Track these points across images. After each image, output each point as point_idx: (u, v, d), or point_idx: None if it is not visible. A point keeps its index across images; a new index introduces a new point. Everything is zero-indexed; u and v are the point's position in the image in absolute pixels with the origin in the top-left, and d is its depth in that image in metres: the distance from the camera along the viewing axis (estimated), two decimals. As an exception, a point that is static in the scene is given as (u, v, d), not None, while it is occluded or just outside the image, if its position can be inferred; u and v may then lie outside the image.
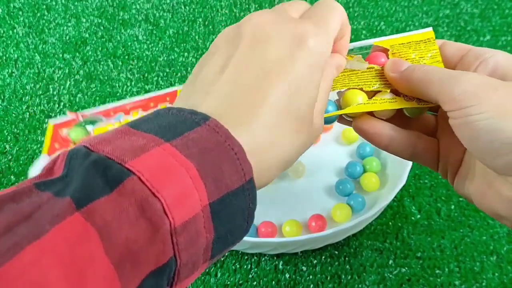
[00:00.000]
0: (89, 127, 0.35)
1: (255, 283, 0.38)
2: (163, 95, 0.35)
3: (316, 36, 0.23)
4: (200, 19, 0.59)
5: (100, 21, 0.58)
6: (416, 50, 0.29)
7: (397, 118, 0.30)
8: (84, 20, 0.58)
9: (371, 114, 0.29)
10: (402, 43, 0.29)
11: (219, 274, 0.39)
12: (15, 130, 0.49)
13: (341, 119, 0.31)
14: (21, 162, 0.46)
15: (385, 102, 0.28)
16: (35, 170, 0.34)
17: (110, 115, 0.34)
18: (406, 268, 0.39)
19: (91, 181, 0.18)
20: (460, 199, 0.43)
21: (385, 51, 0.30)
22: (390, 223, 0.42)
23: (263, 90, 0.22)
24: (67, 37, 0.57)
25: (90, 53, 0.55)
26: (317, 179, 0.44)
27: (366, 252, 0.40)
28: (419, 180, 0.44)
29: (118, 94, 0.51)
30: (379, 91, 0.29)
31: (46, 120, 0.50)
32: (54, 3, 0.60)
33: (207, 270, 0.39)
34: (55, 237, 0.16)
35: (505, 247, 0.40)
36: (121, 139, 0.19)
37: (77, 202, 0.17)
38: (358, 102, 0.29)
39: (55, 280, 0.15)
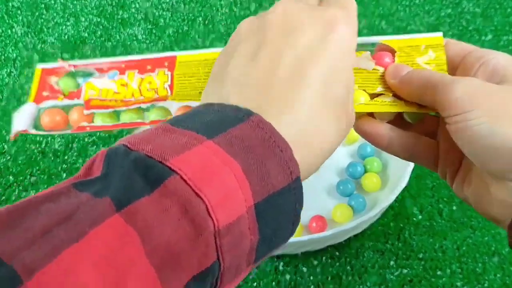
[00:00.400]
0: (80, 80, 0.33)
1: (255, 284, 0.38)
2: (161, 59, 0.33)
3: (346, 20, 0.23)
4: (200, 18, 0.58)
5: (99, 20, 0.58)
6: (423, 55, 0.29)
7: (397, 119, 0.30)
8: (83, 19, 0.58)
9: (372, 115, 0.30)
10: (410, 46, 0.29)
11: (219, 276, 0.39)
12: (14, 130, 0.48)
13: None
14: (19, 162, 0.46)
15: (386, 105, 0.28)
16: (20, 117, 0.32)
17: (103, 71, 0.32)
18: (408, 269, 0.39)
19: (131, 180, 0.17)
20: (462, 199, 0.43)
21: (391, 51, 0.30)
22: (391, 224, 0.41)
23: (301, 78, 0.21)
24: (66, 36, 0.56)
25: (89, 52, 0.55)
26: (318, 179, 0.44)
27: (367, 253, 0.40)
28: (420, 181, 0.44)
29: (117, 94, 0.51)
30: (380, 94, 0.29)
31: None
32: (52, 2, 0.60)
33: (207, 271, 0.39)
34: (95, 240, 0.15)
35: (507, 248, 0.40)
36: (162, 137, 0.18)
37: (117, 203, 0.16)
38: (360, 102, 0.28)
39: (93, 285, 0.15)
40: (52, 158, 0.46)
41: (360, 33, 0.31)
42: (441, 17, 0.58)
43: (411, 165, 0.40)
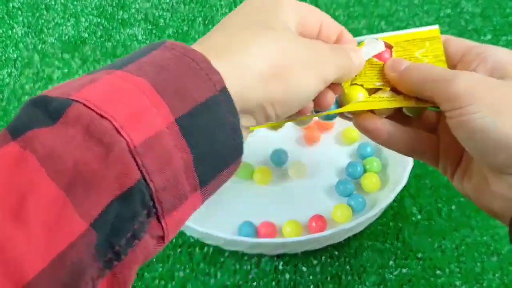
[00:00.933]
0: None
1: (255, 283, 0.38)
2: None
3: None
4: (200, 18, 0.58)
5: (99, 20, 0.58)
6: (421, 48, 0.29)
7: (397, 114, 0.30)
8: (83, 20, 0.58)
9: (371, 111, 0.30)
10: (407, 40, 0.29)
11: (218, 275, 0.39)
12: (14, 130, 0.48)
13: (342, 115, 0.31)
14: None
15: (384, 101, 0.28)
16: None
17: None
18: (407, 268, 0.39)
19: (29, 113, 0.17)
20: (461, 199, 0.43)
21: (388, 47, 0.30)
22: (390, 223, 0.41)
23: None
24: (66, 37, 0.56)
25: (89, 53, 0.55)
26: (317, 179, 0.44)
27: (367, 253, 0.40)
28: (419, 181, 0.44)
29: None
30: (379, 89, 0.29)
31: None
32: (53, 2, 0.60)
33: (207, 271, 0.39)
34: None
35: (506, 248, 0.40)
36: (73, 82, 0.18)
37: (13, 132, 0.16)
38: (359, 98, 0.29)
39: None
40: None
41: (359, 33, 0.31)
42: (440, 17, 0.58)
43: (410, 165, 0.40)
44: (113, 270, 0.17)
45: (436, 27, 0.29)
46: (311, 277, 0.39)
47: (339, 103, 0.30)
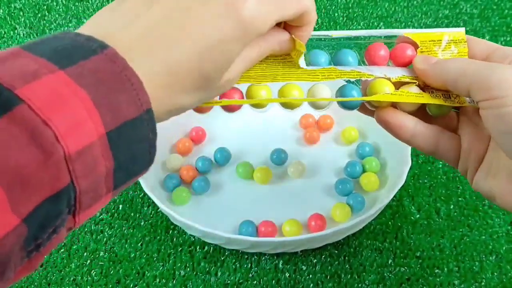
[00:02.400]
0: None
1: (255, 282, 0.39)
2: None
3: (254, 6, 0.22)
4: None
5: (100, 21, 0.58)
6: (445, 50, 0.29)
7: (420, 112, 0.30)
8: (85, 21, 0.58)
9: (394, 106, 0.29)
10: (433, 40, 0.29)
11: (219, 273, 0.39)
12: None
13: (363, 108, 0.30)
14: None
15: (412, 96, 0.28)
16: None
17: None
18: (406, 267, 0.39)
19: None
20: (459, 198, 0.43)
21: (412, 44, 0.29)
22: (389, 222, 0.42)
23: (178, 40, 0.22)
24: (68, 38, 0.57)
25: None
26: (317, 178, 0.44)
27: (366, 252, 0.40)
28: (418, 180, 0.44)
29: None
30: (405, 83, 0.29)
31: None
32: (55, 3, 0.60)
33: (208, 269, 0.39)
34: None
35: (504, 247, 0.40)
36: (11, 61, 0.19)
37: None
38: (385, 92, 0.28)
39: None
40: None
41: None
42: (439, 18, 0.58)
43: (409, 164, 0.40)
44: (30, 258, 0.19)
45: (462, 30, 0.29)
46: (310, 276, 0.39)
47: (363, 95, 0.29)
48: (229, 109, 0.30)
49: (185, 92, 0.23)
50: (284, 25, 0.27)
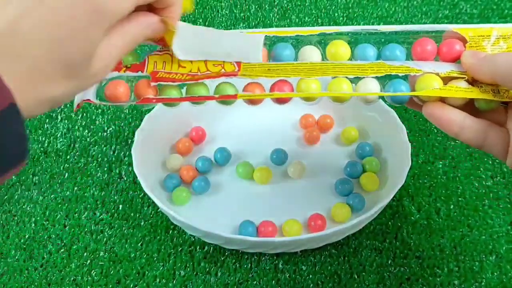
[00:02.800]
0: (141, 53, 0.32)
1: (255, 282, 0.39)
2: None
3: None
4: (200, 20, 0.59)
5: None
6: (494, 46, 0.29)
7: (468, 106, 0.30)
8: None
9: (442, 100, 0.30)
10: (482, 36, 0.29)
11: (219, 273, 0.39)
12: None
13: (410, 102, 0.31)
14: (22, 162, 0.46)
15: (461, 91, 0.28)
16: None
17: (166, 45, 0.31)
18: (406, 267, 0.39)
19: None
20: (459, 198, 0.43)
21: (460, 39, 0.30)
22: (389, 222, 0.42)
23: (33, 33, 0.22)
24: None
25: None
26: (317, 178, 0.44)
27: (366, 252, 0.40)
28: (418, 180, 0.44)
29: (118, 95, 0.52)
30: (454, 78, 0.29)
31: (47, 120, 0.50)
32: (55, 4, 0.60)
33: (208, 269, 0.39)
34: None
35: (505, 247, 0.40)
36: None
37: None
38: (434, 87, 0.29)
39: None
40: (55, 158, 0.47)
41: (358, 34, 0.32)
42: (439, 18, 0.58)
43: (409, 164, 0.40)
44: None
45: (511, 25, 0.29)
46: (310, 276, 0.39)
47: (412, 89, 0.30)
48: (281, 101, 0.31)
49: (52, 81, 0.23)
50: (151, 9, 0.27)
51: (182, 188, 0.42)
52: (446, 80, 0.29)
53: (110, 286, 0.38)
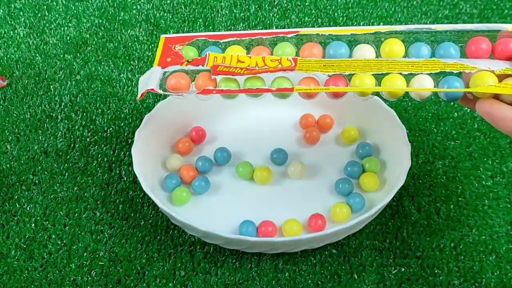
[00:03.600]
0: (202, 49, 0.35)
1: (255, 282, 0.39)
2: (285, 33, 0.33)
3: None
4: (200, 20, 0.59)
5: (100, 21, 0.58)
6: None
7: None
8: (85, 21, 0.58)
9: (496, 97, 0.30)
10: None
11: (219, 273, 0.39)
12: (16, 130, 0.49)
13: (464, 100, 0.31)
14: (22, 162, 0.46)
15: None
16: (146, 79, 0.34)
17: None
18: (406, 267, 0.39)
19: None
20: (459, 198, 0.43)
21: None
22: (389, 222, 0.42)
23: None
24: (68, 38, 0.57)
25: (91, 53, 0.55)
26: (316, 179, 0.44)
27: (366, 252, 0.40)
28: (418, 180, 0.44)
29: (119, 95, 0.52)
30: (509, 76, 0.29)
31: (47, 120, 0.50)
32: (54, 3, 0.60)
33: (208, 269, 0.39)
34: None
35: (504, 247, 0.40)
36: None
37: None
38: (489, 83, 0.29)
39: None
40: (55, 158, 0.47)
41: (358, 34, 0.32)
42: (439, 18, 0.58)
43: (409, 164, 0.40)
44: None
45: None
46: (310, 276, 0.39)
47: (466, 86, 0.30)
48: (336, 95, 0.32)
49: None
50: None
51: (182, 188, 0.42)
52: (502, 77, 0.29)
53: (110, 286, 0.38)
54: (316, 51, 0.33)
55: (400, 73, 0.31)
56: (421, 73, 0.30)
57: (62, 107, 0.51)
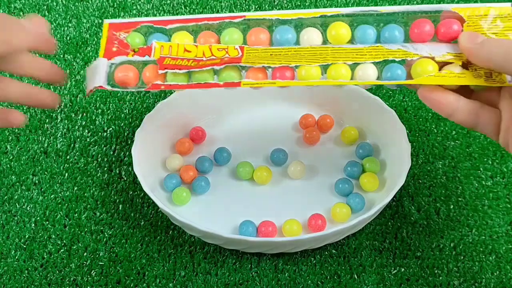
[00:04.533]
0: (148, 36, 0.34)
1: (255, 282, 0.39)
2: (229, 18, 0.33)
3: None
4: (201, 20, 0.59)
5: (100, 21, 0.58)
6: (491, 25, 0.30)
7: (462, 86, 0.31)
8: (85, 21, 0.58)
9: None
10: (479, 15, 0.30)
11: (219, 274, 0.39)
12: (16, 130, 0.49)
13: (407, 84, 0.32)
14: (22, 162, 0.46)
15: (455, 77, 0.30)
16: (93, 73, 0.33)
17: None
18: (406, 268, 0.39)
19: None
20: (459, 198, 0.43)
21: (458, 18, 0.30)
22: (389, 223, 0.42)
23: None
24: (68, 38, 0.57)
25: (91, 53, 0.55)
26: (316, 179, 0.44)
27: (366, 252, 0.40)
28: (418, 180, 0.44)
29: (118, 95, 0.52)
30: (449, 63, 0.30)
31: (47, 120, 0.50)
32: (54, 3, 0.60)
33: (208, 270, 0.39)
34: None
35: (504, 247, 0.40)
36: None
37: None
38: (429, 71, 0.30)
39: None
40: (55, 158, 0.47)
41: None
42: (439, 18, 0.58)
43: (409, 164, 0.40)
44: None
45: (509, 5, 0.30)
46: (310, 276, 0.39)
47: (407, 74, 0.31)
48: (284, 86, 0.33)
49: None
50: None
51: (182, 188, 0.42)
52: (442, 64, 0.30)
53: (110, 286, 0.38)
54: (263, 36, 0.33)
55: (345, 63, 0.32)
56: (365, 62, 0.31)
57: (62, 107, 0.51)
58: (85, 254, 0.40)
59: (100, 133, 0.48)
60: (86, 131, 0.49)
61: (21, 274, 0.39)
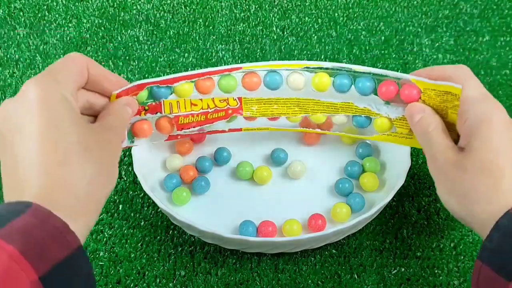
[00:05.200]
0: (155, 93, 0.38)
1: (255, 282, 0.39)
2: (226, 71, 0.38)
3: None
4: (201, 20, 0.59)
5: (100, 21, 0.58)
6: (443, 100, 0.35)
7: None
8: (85, 21, 0.58)
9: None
10: (434, 89, 0.35)
11: (219, 273, 0.39)
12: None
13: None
14: (22, 162, 0.46)
15: (403, 137, 0.39)
16: None
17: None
18: (406, 267, 0.39)
19: None
20: (459, 199, 0.43)
21: (417, 89, 0.36)
22: (389, 223, 0.42)
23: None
24: (68, 38, 0.57)
25: (90, 53, 0.55)
26: (316, 179, 0.44)
27: (366, 252, 0.40)
28: (418, 180, 0.44)
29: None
30: (399, 125, 0.39)
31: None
32: (54, 3, 0.60)
33: (208, 269, 0.39)
34: None
35: (504, 247, 0.40)
36: None
37: None
38: (384, 130, 0.40)
39: None
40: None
41: (358, 35, 0.32)
42: (439, 18, 0.58)
43: (409, 164, 0.40)
44: None
45: (460, 86, 0.33)
46: (311, 276, 0.39)
47: (370, 122, 0.40)
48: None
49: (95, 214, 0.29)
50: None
51: (182, 188, 0.42)
52: (397, 123, 0.39)
53: (110, 286, 0.38)
54: (255, 79, 0.39)
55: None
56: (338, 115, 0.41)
57: (62, 107, 0.51)
58: (85, 254, 0.40)
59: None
60: (86, 131, 0.49)
61: (21, 274, 0.39)
